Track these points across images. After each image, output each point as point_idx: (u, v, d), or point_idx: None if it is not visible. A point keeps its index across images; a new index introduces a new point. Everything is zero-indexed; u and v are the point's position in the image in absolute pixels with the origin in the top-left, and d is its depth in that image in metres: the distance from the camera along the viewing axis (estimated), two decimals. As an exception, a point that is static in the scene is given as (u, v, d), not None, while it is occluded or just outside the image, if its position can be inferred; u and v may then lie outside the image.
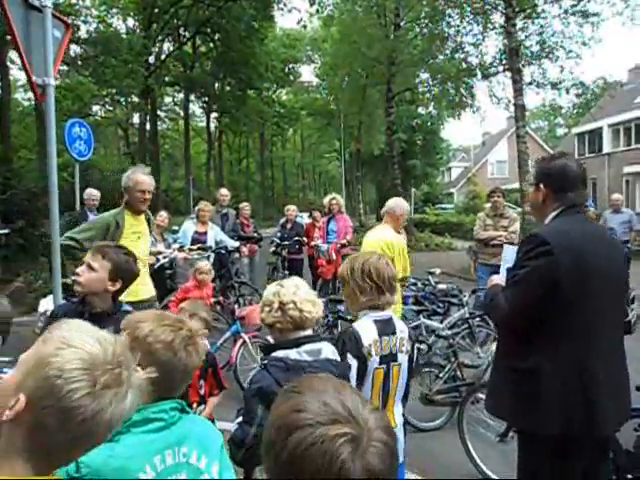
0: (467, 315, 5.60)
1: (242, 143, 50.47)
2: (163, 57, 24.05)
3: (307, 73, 57.11)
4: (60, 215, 3.81)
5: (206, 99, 31.65)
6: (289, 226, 9.63)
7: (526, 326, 2.16)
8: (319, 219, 9.72)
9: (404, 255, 4.45)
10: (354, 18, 19.81)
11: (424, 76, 20.49)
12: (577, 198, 2.31)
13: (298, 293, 1.92)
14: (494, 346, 4.86)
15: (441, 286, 7.23)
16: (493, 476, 3.53)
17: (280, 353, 1.86)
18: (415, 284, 6.94)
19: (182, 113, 33.43)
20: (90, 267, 2.23)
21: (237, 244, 7.75)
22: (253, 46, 22.96)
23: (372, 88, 21.80)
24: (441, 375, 4.59)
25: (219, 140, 40.08)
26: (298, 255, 9.52)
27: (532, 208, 2.50)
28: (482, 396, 4.05)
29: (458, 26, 15.86)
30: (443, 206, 35.12)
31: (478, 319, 5.41)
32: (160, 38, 23.91)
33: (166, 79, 24.03)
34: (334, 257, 8.42)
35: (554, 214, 2.31)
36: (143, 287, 3.68)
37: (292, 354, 1.85)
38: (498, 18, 14.34)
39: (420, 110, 28.18)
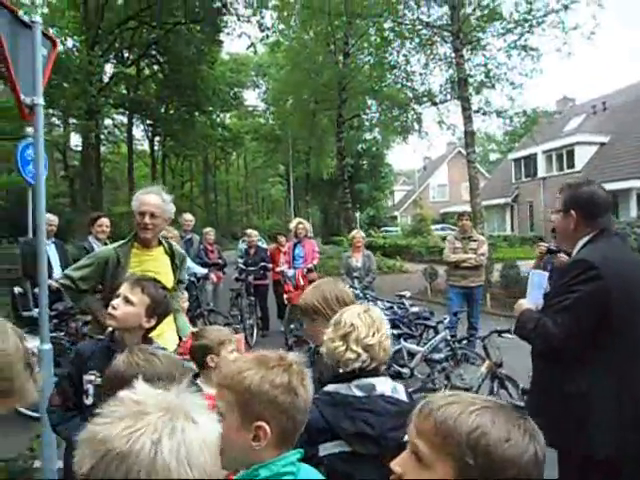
0: (449, 337, 5.65)
1: (185, 167, 49.70)
2: (106, 79, 23.43)
3: (251, 97, 57.26)
4: (15, 242, 3.47)
5: (150, 122, 31.03)
6: (252, 251, 9.49)
7: (578, 350, 2.18)
8: (284, 244, 9.65)
9: None
10: (303, 45, 20.15)
11: (372, 102, 21.10)
12: (607, 223, 2.40)
13: (378, 335, 1.79)
14: (484, 368, 4.95)
15: (414, 309, 7.30)
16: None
17: (331, 387, 1.76)
18: (391, 307, 6.96)
19: (123, 135, 32.60)
20: (127, 300, 2.06)
21: (206, 271, 7.54)
22: (202, 70, 22.80)
23: (321, 113, 22.13)
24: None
25: (162, 163, 39.29)
26: (263, 280, 9.39)
27: (561, 235, 2.54)
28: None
29: (406, 55, 16.42)
30: (388, 229, 35.84)
31: (465, 341, 5.45)
32: (103, 59, 23.31)
33: (110, 101, 23.34)
34: (301, 282, 8.33)
35: (586, 239, 2.37)
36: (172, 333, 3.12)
37: (342, 389, 1.75)
38: (445, 49, 15.00)
39: (367, 135, 28.82)
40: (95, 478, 0.72)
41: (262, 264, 9.06)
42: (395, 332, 6.15)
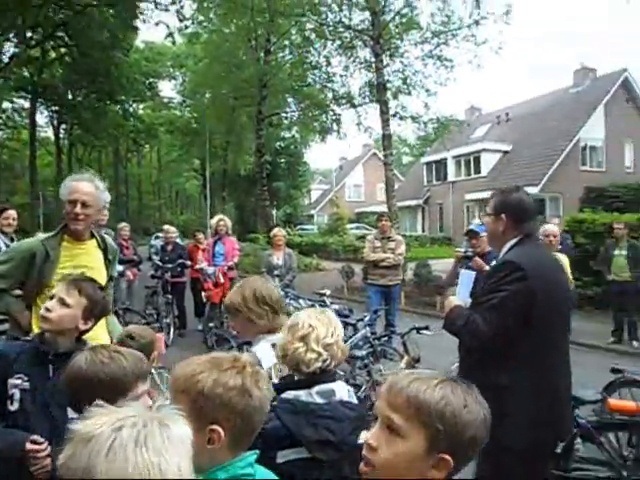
0: (369, 334, 5.82)
1: (94, 157, 47.07)
2: (6, 60, 21.63)
3: (166, 89, 55.25)
4: None
5: (56, 108, 29.01)
6: (170, 248, 9.19)
7: (502, 346, 2.34)
8: (203, 241, 9.45)
9: None
10: (223, 39, 19.80)
11: (292, 100, 21.20)
12: (532, 228, 2.61)
13: (335, 334, 1.82)
14: (403, 363, 5.14)
15: (334, 307, 7.43)
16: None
17: (290, 394, 1.75)
18: (313, 305, 7.03)
19: (25, 121, 30.24)
20: (63, 303, 1.94)
21: (121, 268, 7.21)
22: (115, 56, 21.65)
23: (241, 109, 21.87)
24: (358, 394, 4.69)
25: (69, 153, 36.92)
26: (180, 278, 9.12)
27: (490, 237, 2.72)
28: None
29: (327, 57, 16.68)
30: (304, 227, 36.12)
31: (385, 338, 5.63)
32: (2, 37, 21.52)
33: (10, 83, 21.57)
34: (222, 280, 8.21)
35: (513, 242, 2.55)
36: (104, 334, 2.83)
37: (302, 395, 1.74)
38: (365, 53, 15.40)
39: (285, 134, 28.86)
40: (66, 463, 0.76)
41: (180, 261, 8.81)
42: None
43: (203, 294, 8.50)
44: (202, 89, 24.25)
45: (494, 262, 4.50)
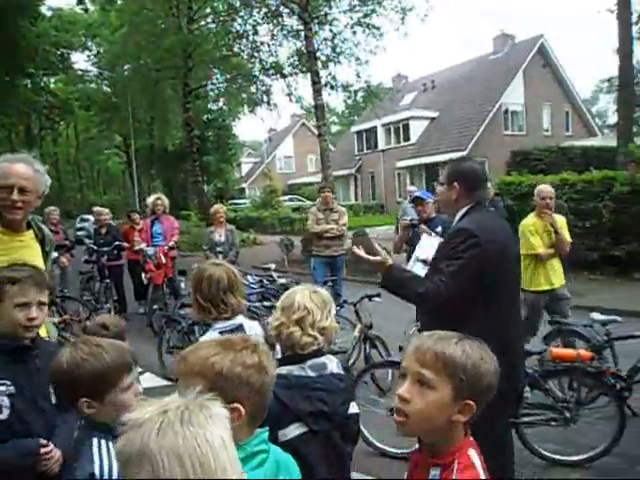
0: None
1: (3, 136, 43.69)
2: None
3: (80, 60, 51.67)
4: None
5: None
6: (104, 231, 8.83)
7: (460, 308, 2.45)
8: (138, 221, 9.14)
9: None
10: (141, 6, 18.71)
11: (218, 71, 20.53)
12: (483, 195, 2.71)
13: (330, 316, 1.84)
14: (356, 331, 5.27)
15: (282, 280, 7.45)
16: (388, 449, 3.84)
17: (283, 370, 1.76)
18: (260, 280, 7.01)
19: None
20: (42, 304, 1.91)
21: (55, 254, 6.83)
22: (22, 25, 19.87)
23: (165, 81, 20.91)
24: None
25: (-26, 133, 34.06)
26: (117, 261, 8.80)
27: (444, 204, 2.81)
28: (366, 379, 4.37)
29: (254, 25, 16.22)
30: (236, 201, 35.62)
31: (338, 308, 5.70)
32: None
33: None
34: (163, 260, 7.99)
35: (465, 209, 2.66)
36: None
37: (295, 370, 1.77)
38: (293, 21, 15.12)
39: (212, 106, 27.99)
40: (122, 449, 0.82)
41: (116, 243, 8.48)
42: (267, 304, 6.23)
43: (144, 276, 8.26)
44: (121, 61, 22.88)
45: (439, 227, 4.71)
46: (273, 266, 7.93)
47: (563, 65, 27.20)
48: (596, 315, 4.41)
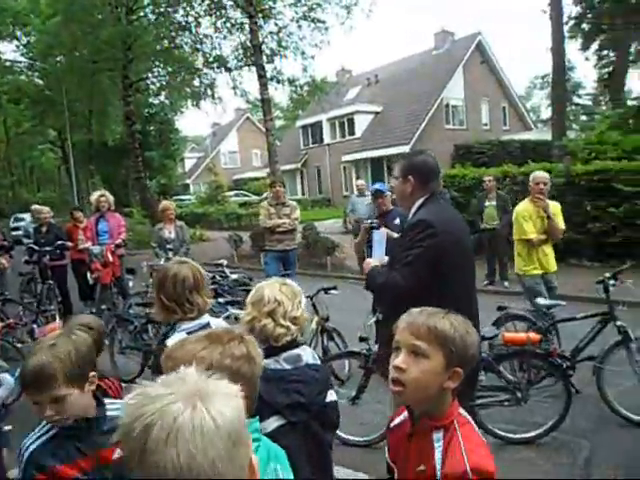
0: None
1: None
2: None
3: (7, 51, 48.79)
4: None
5: None
6: (44, 229, 8.46)
7: (418, 297, 2.54)
8: (82, 219, 8.83)
9: None
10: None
11: (158, 64, 19.97)
12: (436, 186, 2.81)
13: (300, 306, 1.86)
14: (313, 324, 5.32)
15: (234, 276, 7.42)
16: (351, 437, 3.92)
17: None
18: (213, 277, 6.94)
19: None
20: None
21: (-7, 256, 6.49)
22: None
23: (103, 74, 20.12)
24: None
25: None
26: (61, 261, 8.45)
27: (400, 198, 2.88)
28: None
29: (196, 17, 15.87)
30: (181, 197, 34.89)
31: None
32: None
33: None
34: (110, 259, 7.74)
35: (420, 202, 2.75)
36: None
37: (271, 364, 1.78)
38: (237, 14, 14.90)
39: (153, 100, 27.21)
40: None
41: (59, 243, 8.14)
42: (221, 300, 6.18)
43: (90, 276, 7.97)
44: (54, 52, 21.80)
45: (397, 220, 4.81)
46: (225, 262, 7.87)
47: (499, 61, 28.29)
48: (541, 300, 4.65)
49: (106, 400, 1.71)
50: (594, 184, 9.32)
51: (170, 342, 2.17)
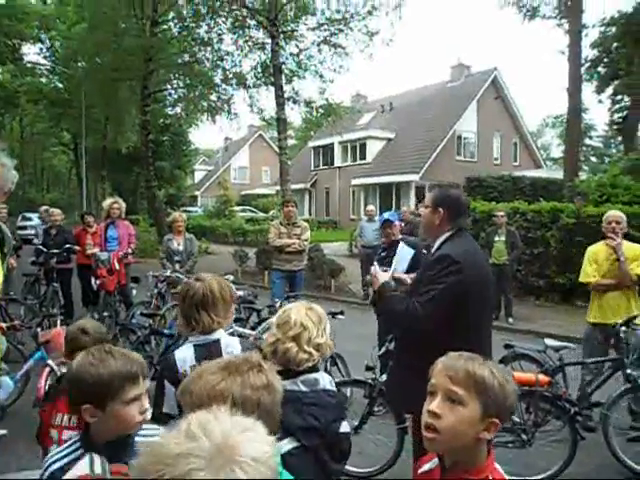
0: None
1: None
2: None
3: (31, 53, 49.69)
4: None
5: None
6: (54, 232, 8.48)
7: (438, 333, 2.51)
8: (92, 224, 8.86)
9: None
10: (100, 3, 18.21)
11: (178, 77, 20.24)
12: (464, 223, 2.81)
13: (325, 333, 1.87)
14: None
15: (240, 293, 7.36)
16: (351, 468, 3.85)
17: None
18: (220, 292, 6.90)
19: None
20: None
21: None
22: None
23: (123, 82, 20.41)
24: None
25: None
26: (67, 264, 8.46)
27: (426, 227, 2.87)
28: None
29: (219, 34, 16.14)
30: (188, 209, 35.03)
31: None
32: None
33: None
34: (117, 267, 7.73)
35: (447, 235, 2.74)
36: None
37: (288, 385, 1.75)
38: (259, 34, 15.15)
39: (169, 111, 27.52)
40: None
41: (67, 246, 8.16)
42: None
43: (94, 282, 7.95)
44: (77, 57, 22.17)
45: (401, 248, 4.73)
46: (231, 277, 7.82)
47: (513, 98, 28.56)
48: (550, 341, 4.60)
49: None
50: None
51: (178, 353, 2.22)
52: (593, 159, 45.33)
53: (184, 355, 2.20)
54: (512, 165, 27.80)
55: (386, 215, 5.43)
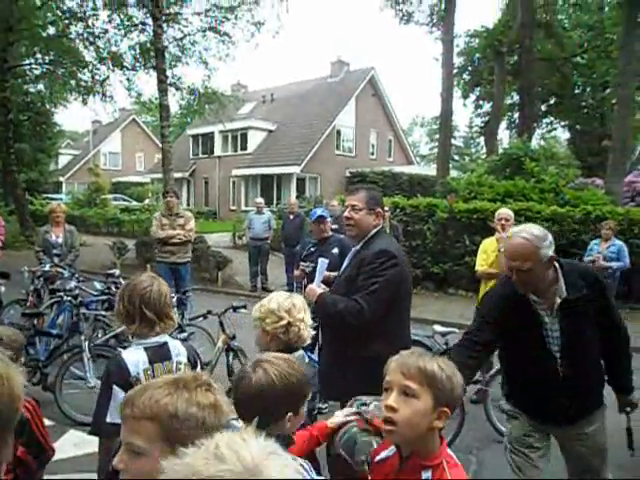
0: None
1: None
2: None
3: None
4: None
5: None
6: None
7: (376, 322, 2.72)
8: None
9: None
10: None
11: (40, 50, 18.45)
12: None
13: (306, 314, 2.10)
14: (220, 342, 5.25)
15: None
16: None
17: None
18: (109, 287, 6.54)
19: None
20: None
21: None
22: None
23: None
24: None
25: None
26: None
27: (363, 228, 2.92)
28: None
29: (94, 9, 15.01)
30: (51, 196, 32.20)
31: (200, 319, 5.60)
32: None
33: None
34: (-18, 261, 6.99)
35: (374, 232, 2.93)
36: None
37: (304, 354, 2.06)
38: (140, 14, 14.37)
39: (30, 88, 24.92)
40: None
41: None
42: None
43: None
44: None
45: (335, 249, 4.90)
46: (117, 272, 7.44)
47: (389, 96, 30.14)
48: (437, 327, 5.07)
49: None
50: (473, 221, 10.31)
51: (127, 356, 2.13)
52: (456, 157, 49.56)
53: (136, 358, 2.11)
54: (387, 160, 29.42)
55: (319, 211, 5.51)
